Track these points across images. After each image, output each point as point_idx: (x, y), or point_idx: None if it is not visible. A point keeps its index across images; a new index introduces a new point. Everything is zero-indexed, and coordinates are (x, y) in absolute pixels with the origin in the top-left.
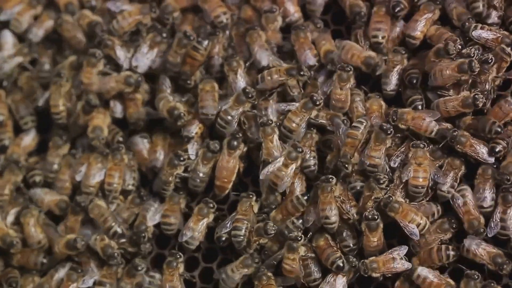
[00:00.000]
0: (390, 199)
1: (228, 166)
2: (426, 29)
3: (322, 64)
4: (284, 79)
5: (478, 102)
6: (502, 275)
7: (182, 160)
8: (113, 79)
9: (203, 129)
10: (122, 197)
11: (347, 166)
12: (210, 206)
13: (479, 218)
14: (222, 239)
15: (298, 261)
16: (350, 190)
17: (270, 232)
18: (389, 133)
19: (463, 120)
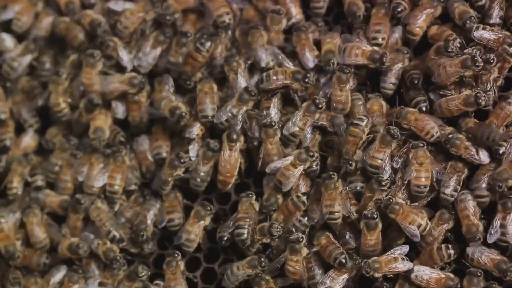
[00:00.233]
0: (391, 201)
1: (230, 160)
2: (426, 25)
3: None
4: (288, 82)
5: (480, 100)
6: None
7: (182, 162)
8: (116, 80)
9: (204, 130)
10: (124, 196)
11: (351, 163)
12: (207, 209)
13: (478, 225)
14: (224, 239)
15: (302, 262)
16: (350, 190)
17: (275, 233)
18: (395, 137)
19: (466, 121)
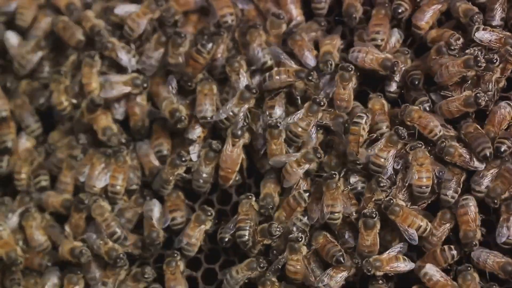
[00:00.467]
0: (391, 202)
1: (232, 155)
2: (432, 21)
3: None
4: (292, 81)
5: (480, 101)
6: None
7: (183, 160)
8: (119, 81)
9: (206, 132)
10: (125, 197)
11: (358, 162)
12: (208, 214)
13: (476, 231)
14: (225, 240)
15: (302, 261)
16: (351, 190)
17: (275, 233)
18: (403, 137)
19: (466, 125)
